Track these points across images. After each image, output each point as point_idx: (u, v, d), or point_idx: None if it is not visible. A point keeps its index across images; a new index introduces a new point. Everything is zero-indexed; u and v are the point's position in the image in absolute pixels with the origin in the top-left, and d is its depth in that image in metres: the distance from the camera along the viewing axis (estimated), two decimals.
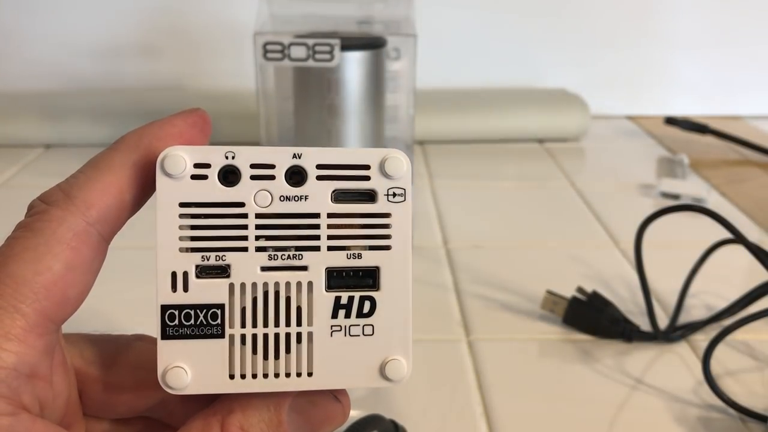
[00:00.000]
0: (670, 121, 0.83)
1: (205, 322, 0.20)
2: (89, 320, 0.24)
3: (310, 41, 0.55)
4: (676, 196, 0.67)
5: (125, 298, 0.44)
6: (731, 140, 0.80)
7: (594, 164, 0.80)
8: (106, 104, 0.80)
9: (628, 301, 0.49)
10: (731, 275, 0.53)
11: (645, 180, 0.72)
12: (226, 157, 0.20)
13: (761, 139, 0.82)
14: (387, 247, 0.21)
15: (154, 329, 0.21)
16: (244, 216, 0.20)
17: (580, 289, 0.47)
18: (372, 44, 0.57)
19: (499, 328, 0.47)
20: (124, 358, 0.24)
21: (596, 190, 0.70)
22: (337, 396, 0.22)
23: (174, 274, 0.20)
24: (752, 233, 0.61)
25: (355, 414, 0.35)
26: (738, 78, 0.93)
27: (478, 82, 0.91)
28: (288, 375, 0.21)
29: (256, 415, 0.21)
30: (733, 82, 0.93)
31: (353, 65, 0.56)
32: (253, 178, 0.20)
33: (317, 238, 0.21)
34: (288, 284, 0.21)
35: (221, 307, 0.20)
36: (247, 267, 0.20)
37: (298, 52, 0.55)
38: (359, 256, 0.21)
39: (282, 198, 0.21)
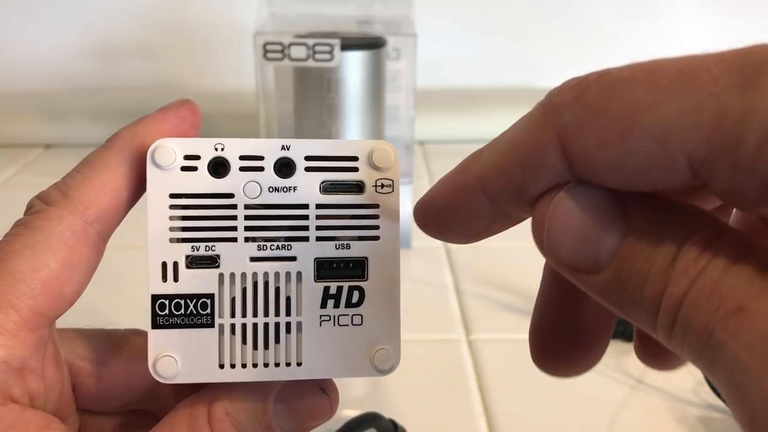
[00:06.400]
0: None
1: (195, 312, 0.20)
2: (83, 316, 0.24)
3: (310, 41, 0.55)
4: None
5: (120, 294, 0.44)
6: None
7: None
8: (106, 104, 0.80)
9: None
10: None
11: None
12: (216, 149, 0.21)
13: None
14: (375, 238, 0.21)
15: (147, 323, 0.21)
16: (234, 207, 0.21)
17: None
18: (372, 44, 0.57)
19: (499, 328, 0.47)
20: (117, 353, 0.24)
21: None
22: (324, 389, 0.22)
23: (164, 264, 0.20)
24: None
25: (354, 413, 0.35)
26: None
27: (478, 82, 0.91)
28: (277, 365, 0.21)
29: (243, 402, 0.21)
30: None
31: (353, 65, 0.56)
32: (243, 169, 0.21)
33: (306, 228, 0.21)
34: (277, 274, 0.21)
35: (211, 297, 0.21)
36: (237, 257, 0.21)
37: (298, 52, 0.55)
38: (348, 247, 0.21)
39: (271, 189, 0.21)
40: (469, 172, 0.17)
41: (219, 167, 0.21)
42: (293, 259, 0.21)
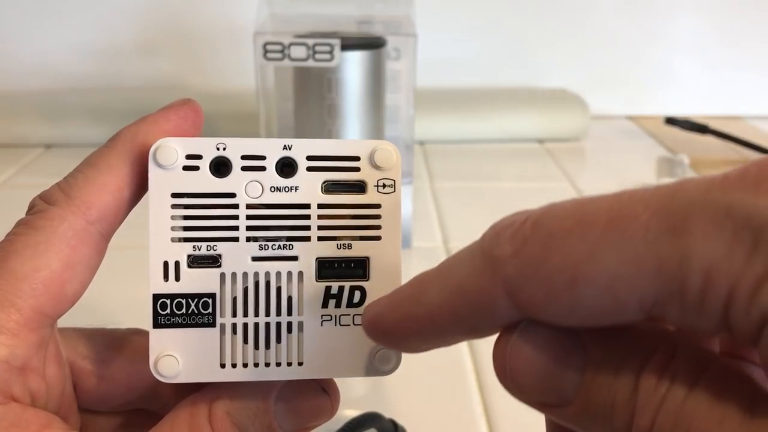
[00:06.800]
0: (670, 121, 0.83)
1: (196, 311, 0.20)
2: (84, 315, 0.24)
3: (310, 41, 0.55)
4: None
5: (121, 294, 0.44)
6: (731, 140, 0.80)
7: (594, 164, 0.80)
8: (106, 104, 0.80)
9: None
10: None
11: (645, 180, 0.72)
12: (218, 149, 0.21)
13: (761, 139, 0.82)
14: (377, 238, 0.21)
15: (148, 323, 0.21)
16: (235, 207, 0.21)
17: None
18: (372, 44, 0.57)
19: None
20: (118, 352, 0.24)
21: (596, 190, 0.69)
22: (325, 388, 0.22)
23: (166, 264, 0.20)
24: None
25: (354, 413, 0.35)
26: (738, 78, 0.93)
27: (478, 82, 0.91)
28: (278, 364, 0.21)
29: (243, 401, 0.21)
30: (733, 82, 0.93)
31: (353, 65, 0.56)
32: (244, 169, 0.21)
33: (307, 228, 0.21)
34: (278, 274, 0.21)
35: (212, 296, 0.21)
36: (238, 257, 0.21)
37: (298, 52, 0.55)
38: (349, 247, 0.21)
39: (272, 189, 0.21)
40: (419, 306, 0.17)
41: (221, 167, 0.21)
42: (295, 258, 0.21)
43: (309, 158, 0.21)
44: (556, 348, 0.16)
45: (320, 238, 0.21)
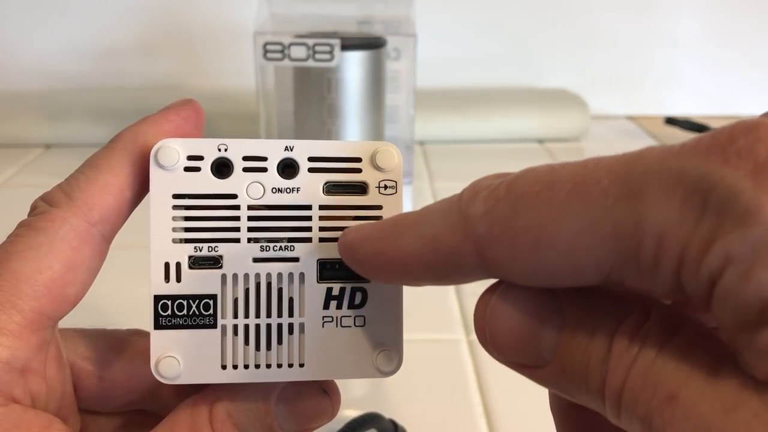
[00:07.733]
0: (670, 121, 0.83)
1: (197, 313, 0.20)
2: (86, 316, 0.24)
3: (310, 41, 0.55)
4: None
5: (122, 294, 0.44)
6: None
7: None
8: (106, 104, 0.80)
9: None
10: None
11: None
12: (219, 150, 0.21)
13: None
14: None
15: (149, 324, 0.21)
16: (237, 208, 0.21)
17: None
18: (372, 44, 0.57)
19: None
20: (119, 353, 0.24)
21: None
22: (326, 390, 0.22)
23: (167, 265, 0.20)
24: None
25: (354, 413, 0.35)
26: (738, 78, 0.93)
27: (478, 82, 0.91)
28: (279, 366, 0.21)
29: (244, 403, 0.21)
30: (733, 82, 0.93)
31: (353, 65, 0.56)
32: (246, 170, 0.21)
33: (309, 229, 0.21)
34: (280, 275, 0.21)
35: (214, 297, 0.21)
36: (240, 258, 0.21)
37: (298, 52, 0.55)
38: None
39: (274, 190, 0.21)
40: (393, 247, 0.18)
41: (222, 168, 0.21)
42: (296, 260, 0.21)
43: (310, 159, 0.21)
44: (534, 308, 0.16)
45: (322, 240, 0.21)
